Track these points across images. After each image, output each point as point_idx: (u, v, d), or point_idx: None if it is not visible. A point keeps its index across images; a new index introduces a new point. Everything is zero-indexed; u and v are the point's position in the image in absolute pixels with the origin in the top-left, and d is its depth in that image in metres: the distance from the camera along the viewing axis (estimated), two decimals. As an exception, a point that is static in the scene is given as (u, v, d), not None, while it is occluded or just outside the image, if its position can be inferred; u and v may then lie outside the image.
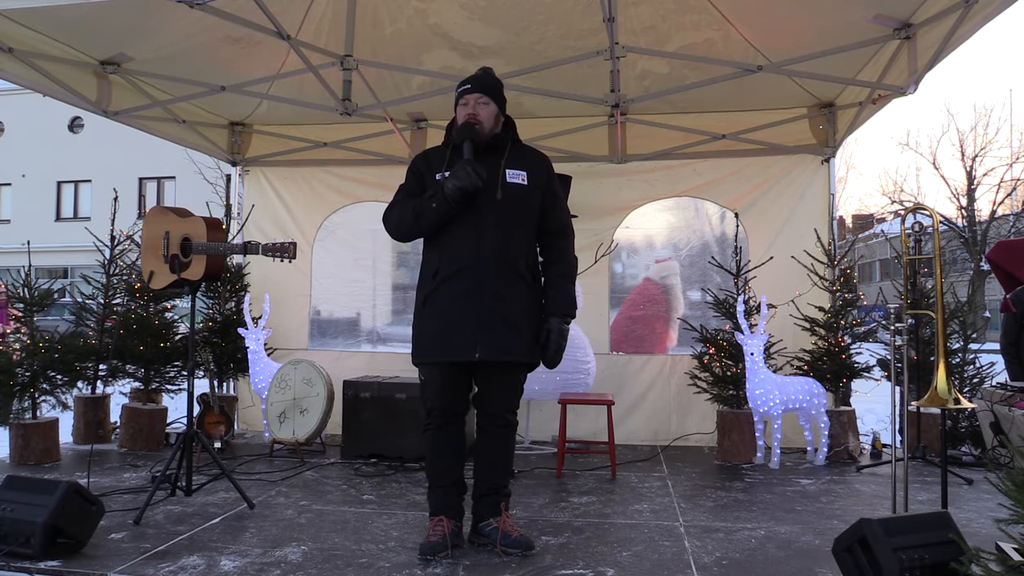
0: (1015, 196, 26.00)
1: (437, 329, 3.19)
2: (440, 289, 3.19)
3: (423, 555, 3.16)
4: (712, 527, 3.66)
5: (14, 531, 3.05)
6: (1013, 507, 2.13)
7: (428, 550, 3.16)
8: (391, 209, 3.30)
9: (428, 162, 3.33)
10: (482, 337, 3.12)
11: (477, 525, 3.35)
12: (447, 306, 3.17)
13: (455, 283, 3.16)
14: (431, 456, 3.36)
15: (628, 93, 5.11)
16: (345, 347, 6.54)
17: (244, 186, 6.66)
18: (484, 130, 3.26)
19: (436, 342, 3.20)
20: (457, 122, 3.31)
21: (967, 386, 5.40)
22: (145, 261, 4.06)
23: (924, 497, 4.19)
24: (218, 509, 3.89)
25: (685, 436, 5.86)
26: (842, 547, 2.67)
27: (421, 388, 3.37)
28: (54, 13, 4.14)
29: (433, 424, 3.33)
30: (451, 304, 3.16)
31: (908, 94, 4.46)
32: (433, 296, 3.20)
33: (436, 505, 3.33)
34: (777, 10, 4.39)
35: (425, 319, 3.23)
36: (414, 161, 3.41)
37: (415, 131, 6.30)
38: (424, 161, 3.36)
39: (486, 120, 3.27)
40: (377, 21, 4.70)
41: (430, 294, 3.21)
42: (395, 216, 3.27)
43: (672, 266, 6.24)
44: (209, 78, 5.16)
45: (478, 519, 3.35)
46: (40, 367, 5.15)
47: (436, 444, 3.34)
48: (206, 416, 5.31)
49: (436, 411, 3.31)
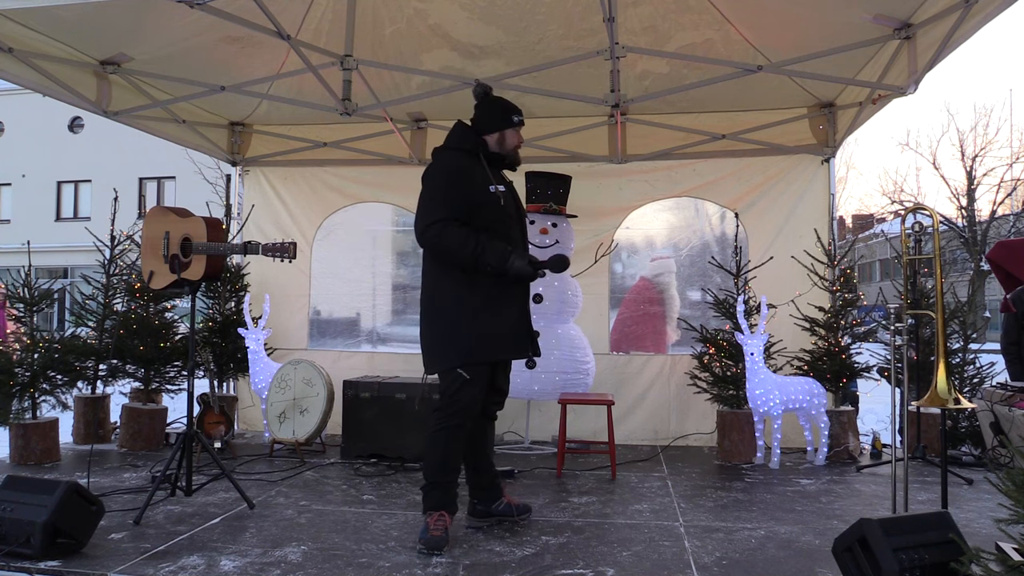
0: (1015, 196, 26.01)
1: (501, 329, 3.41)
2: (501, 292, 3.41)
3: (431, 550, 3.21)
4: (712, 527, 3.66)
5: (14, 531, 3.05)
6: (1013, 507, 2.13)
7: (435, 545, 3.22)
8: (447, 226, 3.31)
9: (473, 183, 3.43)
10: (533, 336, 3.53)
11: (490, 507, 3.64)
12: (509, 308, 3.44)
13: (512, 288, 3.44)
14: (447, 454, 3.39)
15: (628, 93, 5.11)
16: (345, 347, 6.54)
17: (244, 186, 6.66)
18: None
19: (500, 342, 3.41)
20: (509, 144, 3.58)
21: (967, 386, 5.40)
22: (145, 261, 4.06)
23: (924, 497, 4.19)
24: (218, 509, 3.89)
25: (685, 436, 5.86)
26: (842, 547, 2.67)
27: (455, 388, 3.36)
28: (54, 13, 4.14)
29: (457, 424, 3.37)
30: (511, 306, 3.45)
31: (908, 94, 4.46)
32: (493, 298, 3.39)
33: (438, 501, 3.38)
34: (777, 10, 4.39)
35: (484, 320, 3.38)
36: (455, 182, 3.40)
37: (415, 131, 6.30)
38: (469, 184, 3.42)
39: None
40: (377, 21, 4.70)
41: (491, 296, 3.39)
42: (454, 243, 3.32)
43: (667, 264, 6.24)
44: (209, 78, 5.16)
45: (490, 502, 3.65)
46: (40, 367, 5.15)
47: (456, 443, 3.40)
48: (206, 416, 5.31)
49: (469, 411, 3.39)
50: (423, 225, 3.34)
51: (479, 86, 3.65)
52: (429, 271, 3.49)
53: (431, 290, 3.48)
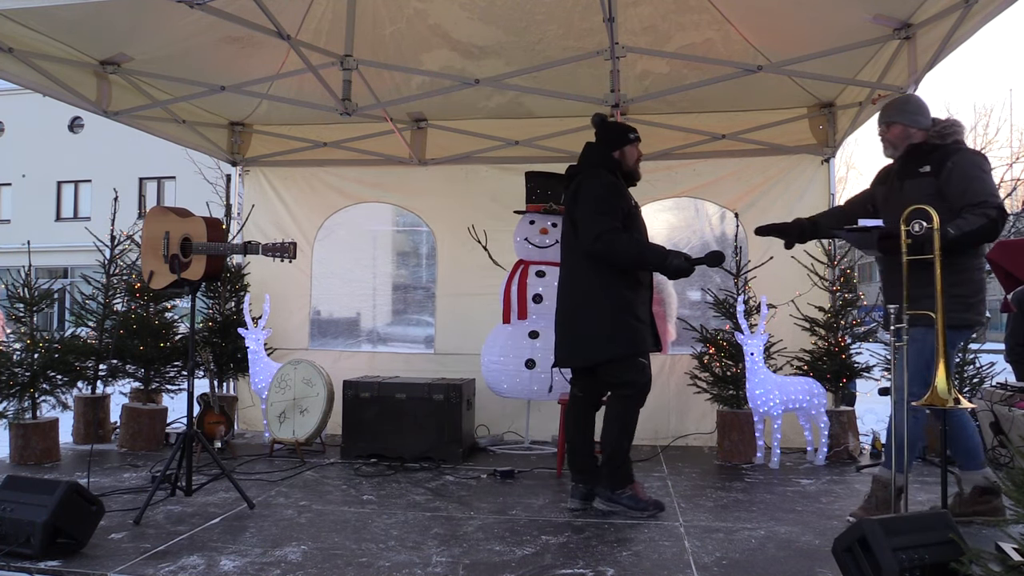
0: (1015, 196, 26.01)
1: (647, 325, 3.94)
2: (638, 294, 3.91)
3: (660, 510, 3.83)
4: (712, 527, 3.66)
5: (14, 531, 3.05)
6: (1013, 507, 2.13)
7: (661, 506, 3.87)
8: (616, 233, 3.76)
9: (623, 195, 3.95)
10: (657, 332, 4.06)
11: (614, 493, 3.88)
12: (645, 307, 3.96)
13: (647, 291, 4.00)
14: (633, 428, 3.90)
15: (628, 93, 5.10)
16: (345, 347, 6.54)
17: (244, 186, 6.66)
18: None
19: (648, 336, 3.94)
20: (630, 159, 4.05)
21: (967, 386, 5.40)
22: (145, 261, 4.06)
23: (924, 497, 4.19)
24: (218, 509, 3.89)
25: (685, 436, 5.86)
26: (842, 547, 2.67)
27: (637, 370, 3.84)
28: (54, 13, 4.14)
29: (640, 404, 3.89)
30: (648, 306, 3.98)
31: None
32: (640, 298, 3.91)
33: (629, 473, 3.91)
34: (777, 10, 4.39)
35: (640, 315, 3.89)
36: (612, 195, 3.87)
37: (415, 131, 6.31)
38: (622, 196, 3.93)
39: None
40: (377, 21, 4.70)
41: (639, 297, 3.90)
42: (621, 248, 3.78)
43: None
44: (209, 78, 5.16)
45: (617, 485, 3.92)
46: (40, 367, 5.15)
47: (636, 419, 3.90)
48: (206, 416, 5.31)
49: (647, 390, 3.90)
50: (592, 236, 3.77)
51: (597, 115, 4.15)
52: (585, 275, 3.89)
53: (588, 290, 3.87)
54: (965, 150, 3.59)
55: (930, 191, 3.51)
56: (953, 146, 3.61)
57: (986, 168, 3.53)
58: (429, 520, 3.75)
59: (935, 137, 3.67)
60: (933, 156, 3.59)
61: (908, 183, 3.63)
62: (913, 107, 3.75)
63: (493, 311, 5.67)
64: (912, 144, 3.70)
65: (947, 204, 3.43)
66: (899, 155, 3.75)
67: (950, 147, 3.60)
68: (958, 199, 3.44)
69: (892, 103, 3.83)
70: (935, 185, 3.52)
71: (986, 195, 3.43)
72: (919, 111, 3.73)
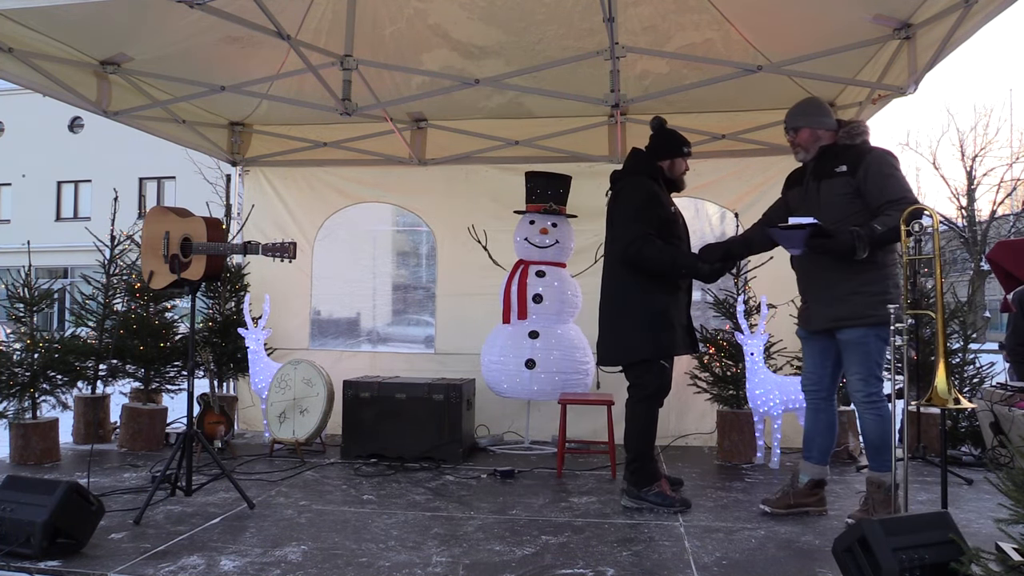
0: (1015, 196, 26.01)
1: (681, 328, 4.03)
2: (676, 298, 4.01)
3: (687, 507, 3.92)
4: (712, 527, 3.66)
5: (14, 531, 3.05)
6: (1013, 507, 2.13)
7: (687, 503, 3.96)
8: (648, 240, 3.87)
9: (662, 203, 4.03)
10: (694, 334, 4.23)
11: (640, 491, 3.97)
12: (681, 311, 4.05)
13: (685, 295, 4.10)
14: (653, 428, 4.01)
15: (628, 93, 5.10)
16: (345, 347, 6.54)
17: (244, 186, 6.65)
18: None
19: (683, 338, 4.05)
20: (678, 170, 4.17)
21: (967, 386, 5.40)
22: (145, 261, 4.06)
23: (924, 497, 4.19)
24: (218, 509, 3.89)
25: (685, 436, 5.86)
26: (842, 547, 2.67)
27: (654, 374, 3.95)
28: (54, 13, 4.14)
29: (659, 405, 4.02)
30: (684, 310, 4.10)
31: (908, 94, 4.46)
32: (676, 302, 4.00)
33: (654, 471, 3.99)
34: (777, 10, 4.39)
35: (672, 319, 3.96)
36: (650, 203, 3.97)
37: (415, 131, 6.30)
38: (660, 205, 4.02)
39: None
40: (377, 21, 4.70)
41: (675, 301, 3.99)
42: (654, 254, 3.89)
43: None
44: (209, 78, 5.16)
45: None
46: (40, 367, 5.15)
47: (656, 420, 4.01)
48: (206, 416, 5.31)
49: (667, 392, 4.03)
50: (626, 242, 3.90)
51: (656, 119, 4.20)
52: (619, 278, 4.00)
53: (620, 294, 3.99)
54: (877, 149, 3.67)
55: (847, 190, 3.61)
56: (864, 145, 3.70)
57: (898, 166, 3.62)
58: (429, 520, 3.75)
59: (845, 137, 3.77)
60: (847, 156, 3.67)
61: (825, 183, 3.70)
62: (815, 109, 3.85)
63: (493, 311, 5.68)
64: (824, 145, 3.79)
65: (863, 201, 3.56)
66: (811, 157, 3.83)
67: (862, 147, 3.69)
68: (877, 197, 3.53)
69: (794, 108, 3.90)
70: (852, 184, 3.60)
71: (904, 191, 3.52)
72: (822, 112, 3.84)
